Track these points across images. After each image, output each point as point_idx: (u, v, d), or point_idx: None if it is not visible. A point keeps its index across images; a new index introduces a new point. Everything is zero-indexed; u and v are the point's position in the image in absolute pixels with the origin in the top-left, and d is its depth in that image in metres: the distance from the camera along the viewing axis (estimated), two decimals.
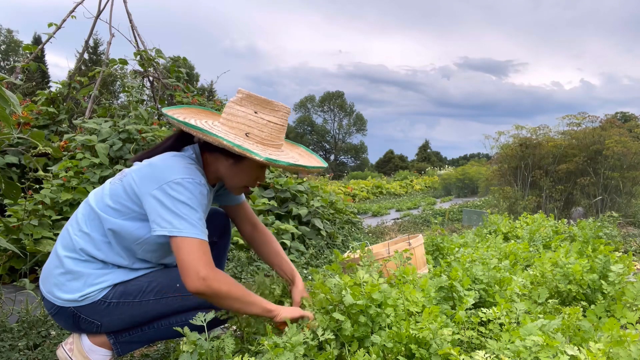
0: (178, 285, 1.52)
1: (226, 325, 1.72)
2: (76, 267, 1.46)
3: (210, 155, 1.57)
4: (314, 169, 1.58)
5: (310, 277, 3.50)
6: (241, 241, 3.80)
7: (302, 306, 1.65)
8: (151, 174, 1.41)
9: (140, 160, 1.55)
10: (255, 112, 1.50)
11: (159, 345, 1.97)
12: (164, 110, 1.58)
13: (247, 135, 1.49)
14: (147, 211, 1.40)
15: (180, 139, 1.62)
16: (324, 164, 1.67)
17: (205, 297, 1.39)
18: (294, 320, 1.50)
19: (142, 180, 1.42)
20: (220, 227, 1.89)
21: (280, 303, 1.73)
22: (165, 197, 1.36)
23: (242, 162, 1.53)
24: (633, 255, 3.65)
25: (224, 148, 1.45)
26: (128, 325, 1.52)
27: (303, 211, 4.67)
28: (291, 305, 1.70)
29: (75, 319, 1.49)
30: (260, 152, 1.42)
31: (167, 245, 1.47)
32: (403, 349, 1.42)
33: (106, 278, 1.47)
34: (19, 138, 3.86)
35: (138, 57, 5.91)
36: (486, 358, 1.22)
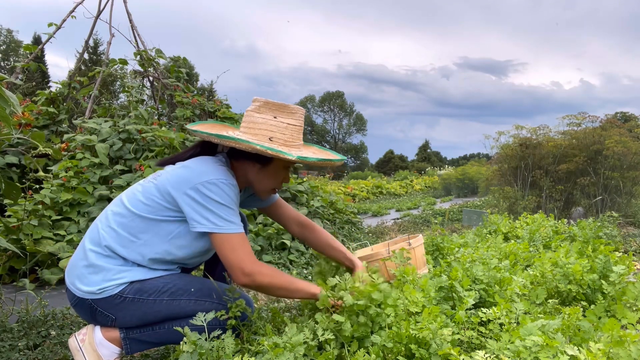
0: (192, 289, 1.58)
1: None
2: (98, 261, 1.52)
3: (237, 162, 1.66)
4: (339, 162, 1.67)
5: (310, 277, 3.49)
6: None
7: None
8: (186, 175, 1.51)
9: (163, 165, 1.66)
10: (275, 117, 1.59)
11: None
12: (189, 127, 1.68)
13: (271, 140, 1.57)
14: (184, 209, 1.48)
15: (205, 149, 1.71)
16: (343, 157, 1.75)
17: (251, 289, 1.54)
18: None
19: (177, 180, 1.51)
20: None
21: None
22: (200, 196, 1.46)
23: (269, 165, 1.63)
24: (633, 255, 3.65)
25: (250, 155, 1.58)
26: (140, 322, 1.56)
27: (303, 211, 4.67)
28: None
29: (93, 311, 1.54)
30: (286, 151, 1.51)
31: (199, 242, 1.57)
32: (403, 349, 1.42)
33: (125, 275, 1.52)
34: (19, 138, 3.87)
35: (138, 57, 5.92)
36: (486, 358, 1.22)
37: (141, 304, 1.52)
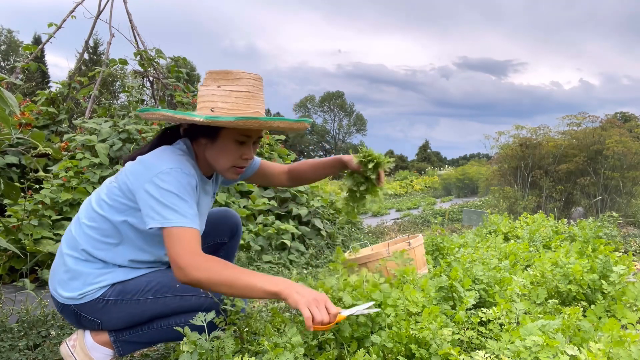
0: (178, 285, 1.52)
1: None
2: (76, 266, 1.48)
3: (195, 144, 1.56)
4: (271, 122, 1.46)
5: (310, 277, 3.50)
6: (241, 241, 3.80)
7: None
8: (141, 170, 1.42)
9: (126, 162, 1.55)
10: (219, 87, 1.47)
11: (159, 345, 1.97)
12: (139, 112, 1.59)
13: (213, 110, 1.45)
14: (140, 206, 1.39)
15: (164, 139, 1.61)
16: (300, 120, 1.54)
17: (194, 286, 1.37)
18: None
19: (134, 176, 1.43)
20: (232, 228, 1.91)
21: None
22: (154, 189, 1.36)
23: (217, 139, 1.50)
24: (633, 255, 3.65)
25: (198, 132, 1.52)
26: (127, 324, 1.52)
27: (303, 211, 4.67)
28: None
29: (77, 317, 1.51)
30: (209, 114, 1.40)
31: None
32: (403, 349, 1.42)
33: (105, 277, 1.49)
34: (18, 138, 3.87)
35: (138, 57, 5.91)
36: (486, 358, 1.22)
37: (125, 305, 1.48)
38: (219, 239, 1.90)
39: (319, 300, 1.27)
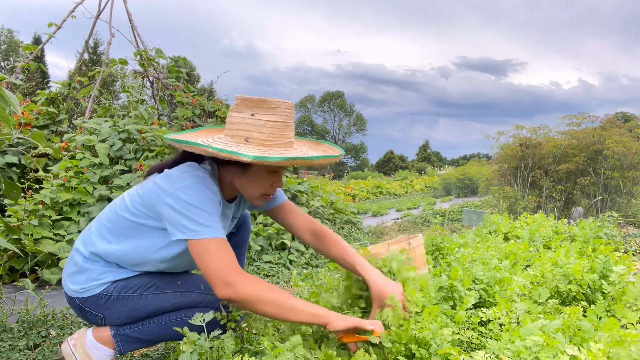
0: (179, 282, 1.57)
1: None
2: (83, 262, 1.54)
3: (223, 169, 1.55)
4: (316, 160, 1.43)
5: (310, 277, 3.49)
6: None
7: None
8: (165, 183, 1.43)
9: (151, 174, 1.57)
10: (252, 115, 1.43)
11: (159, 345, 1.97)
12: (168, 137, 1.54)
13: (247, 140, 1.43)
14: (165, 220, 1.40)
15: (191, 155, 1.58)
16: (333, 154, 1.53)
17: (235, 304, 1.36)
18: (349, 334, 1.34)
19: (158, 189, 1.43)
20: (239, 218, 1.92)
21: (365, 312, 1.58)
22: (178, 203, 1.37)
23: (250, 169, 1.50)
24: (633, 255, 3.65)
25: (230, 160, 1.41)
26: (129, 319, 1.55)
27: (303, 211, 4.67)
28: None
29: (82, 311, 1.56)
30: (256, 153, 1.34)
31: (182, 256, 1.50)
32: (403, 349, 1.42)
33: (107, 275, 1.53)
34: (18, 138, 3.86)
35: (138, 57, 5.91)
36: (486, 358, 1.22)
37: (127, 300, 1.52)
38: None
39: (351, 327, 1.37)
